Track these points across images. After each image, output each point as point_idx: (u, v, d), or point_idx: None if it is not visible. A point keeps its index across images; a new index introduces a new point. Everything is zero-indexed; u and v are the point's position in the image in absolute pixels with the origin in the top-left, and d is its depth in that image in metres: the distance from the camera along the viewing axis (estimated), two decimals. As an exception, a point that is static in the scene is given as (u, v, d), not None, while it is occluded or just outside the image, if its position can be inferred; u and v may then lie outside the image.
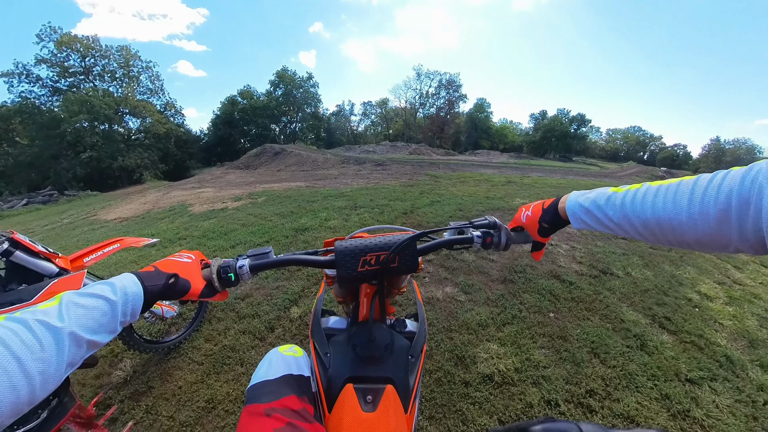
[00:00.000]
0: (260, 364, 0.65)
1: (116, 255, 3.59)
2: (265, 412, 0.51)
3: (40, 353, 0.33)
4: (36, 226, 8.10)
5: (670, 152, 62.91)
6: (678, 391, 1.59)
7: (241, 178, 12.00)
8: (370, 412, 0.55)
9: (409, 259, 0.63)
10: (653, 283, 2.75)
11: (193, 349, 1.90)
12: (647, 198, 0.47)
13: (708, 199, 0.39)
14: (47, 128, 21.45)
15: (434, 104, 47.93)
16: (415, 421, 0.61)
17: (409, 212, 4.86)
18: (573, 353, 1.81)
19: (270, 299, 2.38)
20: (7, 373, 0.30)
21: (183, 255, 0.58)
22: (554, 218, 0.63)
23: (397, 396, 0.58)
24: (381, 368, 0.61)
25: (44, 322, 0.35)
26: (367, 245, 0.62)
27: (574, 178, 13.15)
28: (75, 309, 0.38)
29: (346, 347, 0.64)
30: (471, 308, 2.23)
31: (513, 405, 1.47)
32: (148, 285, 0.47)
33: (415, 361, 0.65)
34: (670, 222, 0.44)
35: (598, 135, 68.73)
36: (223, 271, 0.58)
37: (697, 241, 0.42)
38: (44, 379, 0.33)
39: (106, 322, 0.40)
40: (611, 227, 0.53)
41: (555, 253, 3.28)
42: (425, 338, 0.72)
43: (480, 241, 0.68)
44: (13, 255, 1.28)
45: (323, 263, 0.64)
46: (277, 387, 0.57)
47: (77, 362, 0.37)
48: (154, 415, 1.50)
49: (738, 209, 0.36)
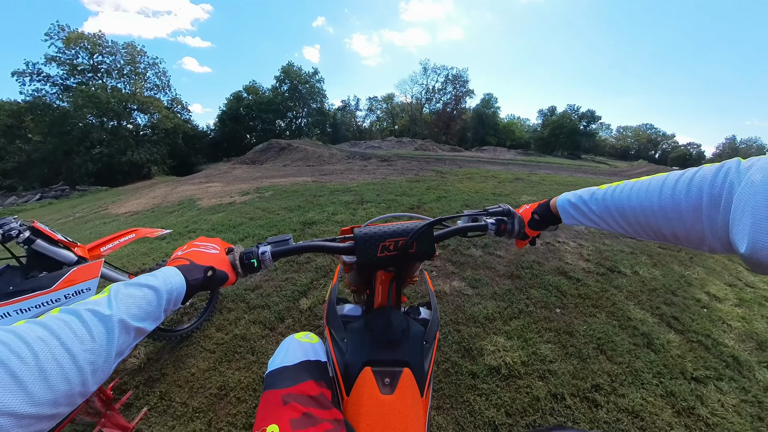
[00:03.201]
0: (277, 351, 0.67)
1: (130, 245, 3.69)
2: (283, 399, 0.52)
3: (90, 344, 0.34)
4: (49, 220, 8.31)
5: (683, 151, 61.46)
6: (683, 389, 1.59)
7: (247, 173, 12.10)
8: (388, 394, 0.56)
9: (426, 246, 0.64)
10: (661, 283, 2.73)
11: (204, 337, 1.95)
12: (624, 191, 0.50)
13: (678, 193, 0.40)
14: (58, 125, 21.89)
15: (441, 100, 47.55)
16: (430, 405, 0.62)
17: (416, 207, 4.88)
18: (579, 349, 1.82)
19: (279, 291, 2.43)
20: (61, 366, 0.31)
21: (208, 245, 0.59)
22: (546, 211, 0.68)
23: (413, 379, 0.60)
24: (398, 352, 0.63)
25: (95, 311, 0.37)
26: (386, 231, 0.63)
27: (583, 176, 12.93)
28: (123, 298, 0.40)
29: (363, 332, 0.66)
30: (478, 302, 2.25)
31: (520, 398, 1.49)
32: (189, 278, 0.49)
33: (429, 347, 0.67)
34: (644, 212, 0.45)
35: (608, 132, 67.39)
36: (246, 257, 0.60)
37: (673, 235, 0.43)
38: (95, 369, 0.34)
39: (152, 311, 0.42)
40: (595, 220, 0.56)
41: (562, 250, 3.26)
42: (438, 325, 0.74)
43: (494, 228, 0.70)
44: (34, 243, 1.31)
45: (343, 249, 0.65)
46: (294, 373, 0.59)
47: (125, 350, 0.38)
48: (167, 401, 1.54)
49: (709, 207, 0.37)
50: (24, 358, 0.30)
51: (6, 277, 1.25)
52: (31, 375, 0.29)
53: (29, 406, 0.28)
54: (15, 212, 12.79)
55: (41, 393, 0.29)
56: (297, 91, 40.52)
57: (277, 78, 40.37)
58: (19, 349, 0.30)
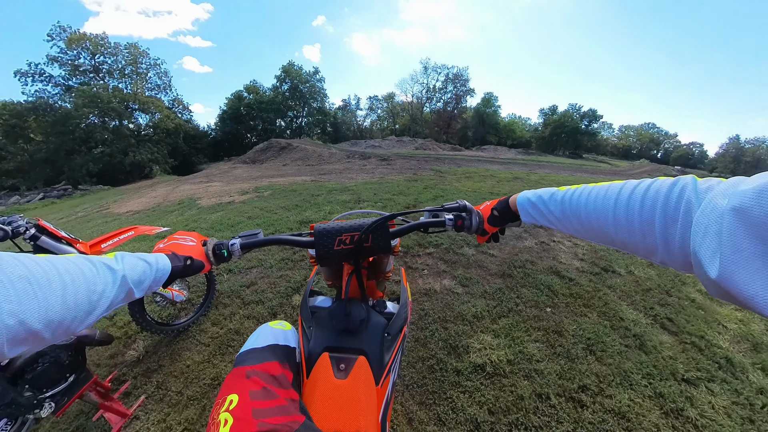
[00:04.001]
0: (251, 336, 0.70)
1: (133, 243, 3.75)
2: (246, 374, 0.55)
3: (98, 286, 0.40)
4: (52, 219, 8.38)
5: (685, 151, 61.04)
6: (673, 391, 1.57)
7: (247, 173, 12.16)
8: (341, 379, 0.59)
9: (382, 240, 0.67)
10: (656, 283, 2.71)
11: (200, 332, 1.99)
12: (582, 196, 0.51)
13: (632, 206, 0.40)
14: (61, 125, 22.02)
15: (441, 99, 47.37)
16: (388, 395, 0.64)
17: (411, 206, 4.88)
18: (568, 349, 1.81)
19: (274, 287, 2.46)
20: (75, 295, 0.36)
21: (186, 238, 0.67)
22: (505, 208, 0.69)
23: (368, 367, 0.62)
24: (355, 341, 0.66)
25: (106, 264, 0.43)
26: (343, 226, 0.68)
27: (583, 176, 12.89)
28: (127, 262, 0.47)
29: (326, 321, 0.69)
30: (467, 300, 2.25)
31: (504, 396, 1.49)
32: (172, 264, 0.57)
33: (392, 340, 0.69)
34: (598, 221, 0.46)
35: (610, 131, 66.93)
36: (218, 248, 0.67)
37: (623, 244, 0.43)
38: (90, 310, 0.38)
39: (144, 280, 0.49)
40: (553, 221, 0.57)
41: (557, 249, 3.25)
42: (405, 320, 0.75)
43: (452, 223, 0.73)
44: (39, 240, 1.40)
45: (303, 243, 0.70)
46: (261, 354, 0.62)
47: (116, 304, 0.44)
48: (164, 390, 1.59)
49: (663, 224, 0.36)
50: (51, 279, 0.34)
51: None
52: (51, 294, 0.33)
53: (36, 321, 0.31)
54: (20, 211, 12.93)
55: (51, 313, 0.33)
56: (297, 90, 40.52)
57: (278, 77, 40.40)
58: (49, 270, 0.34)
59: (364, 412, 0.55)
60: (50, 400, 1.08)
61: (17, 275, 0.31)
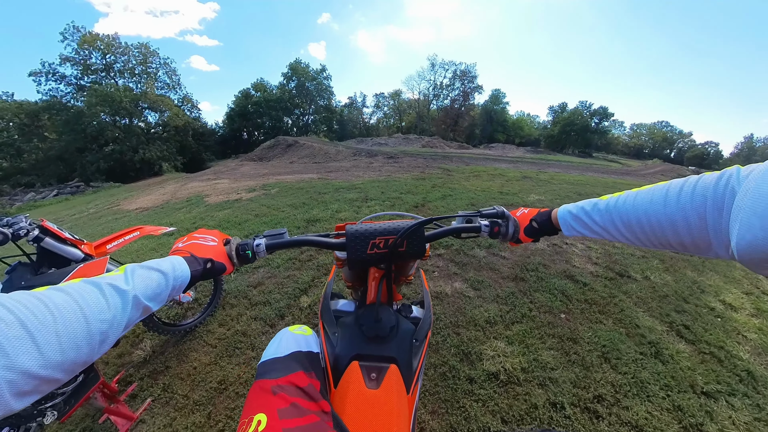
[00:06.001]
0: (271, 342, 0.68)
1: (137, 242, 3.77)
2: (272, 389, 0.53)
3: (106, 314, 0.36)
4: (65, 216, 8.59)
5: (700, 150, 59.16)
6: (692, 404, 1.52)
7: (255, 170, 12.23)
8: (373, 388, 0.57)
9: (416, 245, 0.65)
10: (673, 289, 2.63)
11: (207, 332, 1.99)
12: (628, 201, 0.50)
13: (684, 201, 0.41)
14: (73, 123, 22.49)
15: (448, 96, 46.87)
16: (416, 403, 0.63)
17: (420, 205, 4.84)
18: (583, 356, 1.77)
19: (281, 288, 2.45)
20: (75, 332, 0.33)
21: (207, 237, 0.63)
22: (545, 222, 0.67)
23: (400, 375, 0.60)
24: (386, 348, 0.63)
25: (114, 285, 0.39)
26: (377, 229, 0.65)
27: (594, 175, 12.60)
28: (138, 277, 0.43)
29: (354, 327, 0.67)
30: (480, 305, 2.21)
31: (517, 405, 1.46)
32: (191, 269, 0.53)
33: (419, 345, 0.67)
34: (650, 222, 0.46)
35: (621, 130, 65.52)
36: (241, 249, 0.63)
37: (680, 243, 0.43)
38: (103, 339, 0.36)
39: (160, 293, 0.46)
40: (598, 231, 0.57)
41: (570, 252, 3.18)
42: (430, 325, 0.73)
43: (488, 230, 0.70)
44: (43, 241, 1.38)
45: (334, 245, 0.67)
46: (285, 363, 0.59)
47: (131, 325, 0.41)
48: (170, 393, 1.59)
49: (713, 213, 0.38)
50: (43, 320, 0.31)
51: (18, 273, 1.32)
52: (47, 337, 0.30)
53: (39, 368, 0.29)
54: (35, 207, 13.29)
55: (53, 356, 0.30)
56: (304, 88, 40.60)
57: (285, 75, 40.52)
58: (39, 312, 0.31)
59: (397, 423, 0.53)
60: (52, 408, 1.07)
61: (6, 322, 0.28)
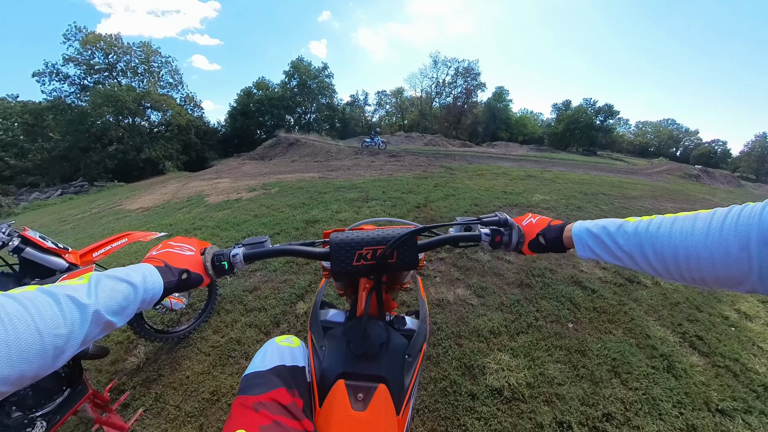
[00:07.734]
0: (257, 353, 0.65)
1: (125, 248, 3.73)
2: (254, 406, 0.51)
3: (62, 329, 0.33)
4: (69, 215, 8.62)
5: (707, 149, 58.09)
6: (707, 423, 1.44)
7: (256, 169, 12.19)
8: (359, 411, 0.53)
9: (408, 255, 0.59)
10: (685, 296, 2.53)
11: (201, 339, 1.94)
12: (663, 227, 0.45)
13: (726, 233, 0.38)
14: (77, 123, 22.62)
15: (451, 93, 46.41)
16: (408, 423, 0.58)
17: (422, 206, 4.74)
18: (591, 370, 1.68)
19: (277, 293, 2.39)
20: (27, 346, 0.30)
21: (184, 246, 0.59)
22: (556, 238, 0.60)
23: (389, 396, 0.55)
24: (374, 366, 0.58)
25: (73, 298, 0.36)
26: (364, 238, 0.59)
27: (599, 174, 12.41)
28: (103, 289, 0.39)
29: (341, 342, 0.62)
30: (483, 313, 2.13)
31: (522, 424, 1.38)
32: (164, 280, 0.49)
33: (412, 361, 0.62)
34: (687, 254, 0.41)
35: (626, 128, 64.54)
36: (217, 260, 0.59)
37: (715, 278, 0.40)
38: (57, 354, 0.33)
39: (127, 306, 0.42)
40: (620, 257, 0.50)
41: (577, 257, 3.08)
42: (425, 337, 0.68)
43: (488, 239, 0.64)
44: (24, 251, 1.32)
45: (318, 255, 0.62)
46: (267, 379, 0.57)
47: (90, 342, 0.38)
48: (162, 403, 1.54)
49: (759, 246, 0.35)
50: None
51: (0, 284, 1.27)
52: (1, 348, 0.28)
53: None
54: (38, 207, 13.39)
55: (1, 369, 0.28)
56: (306, 86, 40.46)
57: (287, 73, 40.38)
58: None
59: None
60: (42, 419, 1.02)
61: None
